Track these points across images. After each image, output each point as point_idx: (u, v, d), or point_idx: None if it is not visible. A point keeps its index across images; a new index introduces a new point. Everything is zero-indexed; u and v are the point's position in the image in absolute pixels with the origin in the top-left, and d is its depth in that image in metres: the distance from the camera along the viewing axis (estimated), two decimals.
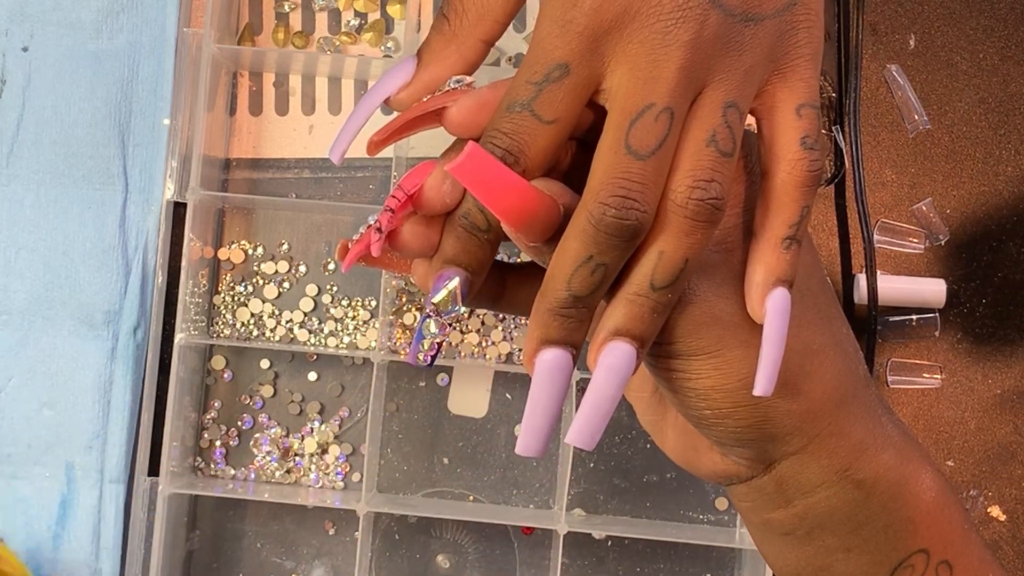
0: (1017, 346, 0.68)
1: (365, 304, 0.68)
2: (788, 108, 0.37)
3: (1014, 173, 0.69)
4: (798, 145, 0.36)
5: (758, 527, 0.43)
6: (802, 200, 0.37)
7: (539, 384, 0.36)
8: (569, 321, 0.36)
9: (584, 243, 0.35)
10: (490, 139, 0.36)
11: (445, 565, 0.68)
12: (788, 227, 0.36)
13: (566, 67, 0.35)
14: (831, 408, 0.39)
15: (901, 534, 0.41)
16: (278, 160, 0.69)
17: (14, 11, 0.67)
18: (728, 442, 0.40)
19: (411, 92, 0.38)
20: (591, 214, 0.35)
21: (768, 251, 0.37)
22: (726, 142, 0.35)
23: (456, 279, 0.37)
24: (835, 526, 0.41)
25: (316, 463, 0.68)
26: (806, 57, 0.37)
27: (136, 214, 0.67)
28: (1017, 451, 0.68)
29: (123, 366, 0.66)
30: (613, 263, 0.35)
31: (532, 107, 0.35)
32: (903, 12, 0.69)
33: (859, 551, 0.41)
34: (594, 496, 0.68)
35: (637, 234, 0.35)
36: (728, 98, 0.35)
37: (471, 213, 0.36)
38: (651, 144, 0.34)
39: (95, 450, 0.66)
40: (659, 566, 0.68)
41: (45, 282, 0.66)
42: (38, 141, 0.67)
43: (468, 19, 0.37)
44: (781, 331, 0.36)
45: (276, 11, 0.69)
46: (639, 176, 0.34)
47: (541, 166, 0.36)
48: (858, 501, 0.40)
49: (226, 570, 0.68)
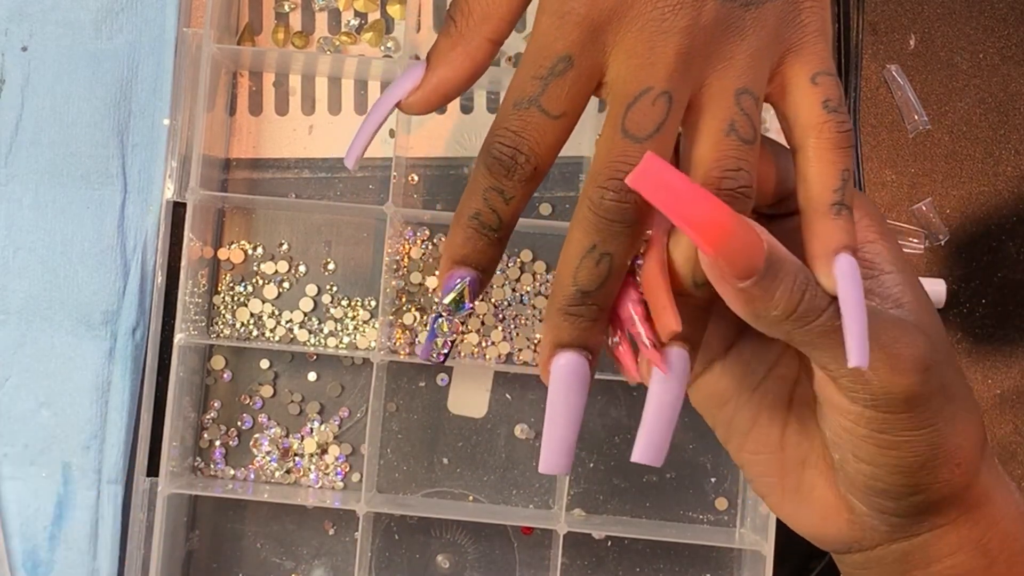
0: (1017, 346, 0.68)
1: (365, 304, 0.68)
2: (803, 80, 0.36)
3: (1014, 173, 0.69)
4: (821, 109, 0.36)
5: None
6: (840, 163, 0.36)
7: (555, 392, 0.35)
8: (580, 320, 0.35)
9: (586, 231, 0.34)
10: (498, 138, 0.35)
11: (445, 565, 0.68)
12: (833, 192, 0.35)
13: (569, 59, 0.35)
14: (983, 478, 0.39)
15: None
16: (278, 160, 0.69)
17: (13, 11, 0.67)
18: (896, 512, 0.39)
19: (421, 95, 0.38)
20: (591, 199, 0.34)
21: (819, 222, 0.35)
22: (746, 129, 0.35)
23: (467, 279, 0.36)
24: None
25: (316, 463, 0.68)
26: (814, 33, 0.36)
27: (135, 214, 0.67)
28: (1017, 451, 0.68)
29: (121, 366, 0.66)
30: (618, 252, 0.34)
31: (539, 102, 0.35)
32: (903, 12, 0.69)
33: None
34: (594, 496, 0.68)
35: (639, 218, 0.34)
36: (738, 85, 0.35)
37: (482, 212, 0.36)
38: (648, 127, 0.34)
39: (93, 450, 0.66)
40: (659, 566, 0.68)
41: (43, 282, 0.66)
42: (37, 141, 0.67)
43: (473, 19, 0.37)
44: (858, 296, 0.34)
45: (276, 11, 0.69)
46: (637, 159, 0.33)
47: (550, 162, 0.36)
48: (981, 569, 0.39)
49: (226, 570, 0.68)
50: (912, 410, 0.36)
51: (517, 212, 0.36)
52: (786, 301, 0.34)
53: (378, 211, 0.65)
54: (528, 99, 0.35)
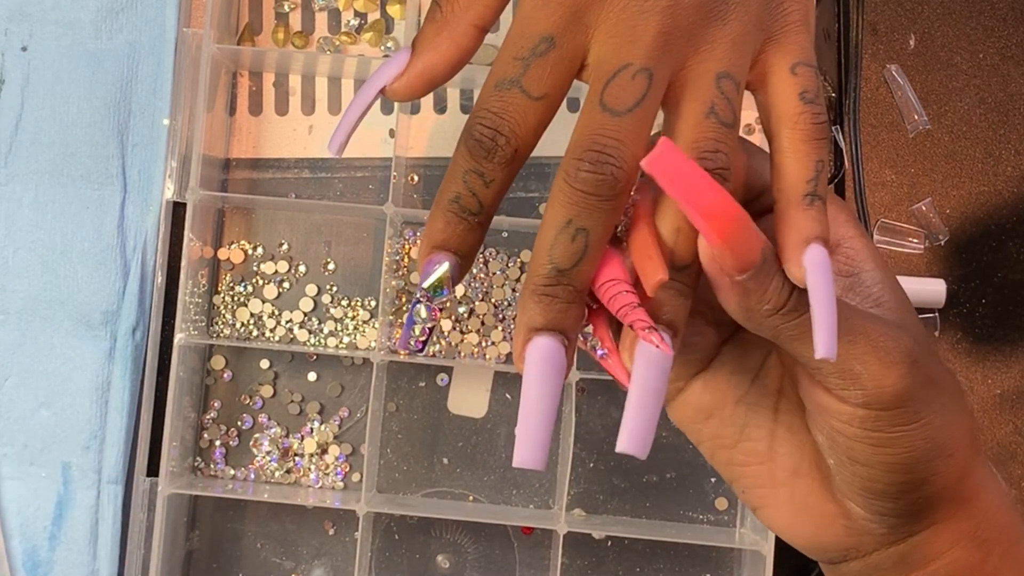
0: (1017, 346, 0.68)
1: (365, 304, 0.68)
2: (783, 69, 0.36)
3: (1014, 173, 0.69)
4: (797, 100, 0.36)
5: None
6: (813, 154, 0.35)
7: (529, 381, 0.34)
8: (555, 302, 0.34)
9: (562, 204, 0.34)
10: (479, 119, 0.35)
11: (445, 565, 0.68)
12: (805, 183, 0.35)
13: (551, 40, 0.35)
14: (976, 471, 0.39)
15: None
16: (278, 160, 0.69)
17: (13, 10, 0.67)
18: (893, 513, 0.39)
19: (405, 81, 0.38)
20: (566, 172, 0.34)
21: (791, 212, 0.35)
22: (726, 113, 0.35)
23: (446, 264, 0.35)
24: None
25: (316, 463, 0.68)
26: (796, 23, 0.36)
27: (135, 214, 0.67)
28: (1017, 451, 0.68)
29: (121, 366, 0.66)
30: (595, 228, 0.34)
31: (520, 83, 0.35)
32: (903, 12, 0.69)
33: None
34: (594, 496, 0.68)
35: (615, 191, 0.33)
36: (719, 68, 0.35)
37: (462, 196, 0.35)
38: (627, 102, 0.34)
39: (92, 450, 0.66)
40: (659, 566, 0.68)
41: (43, 282, 0.66)
42: (37, 141, 0.66)
43: (459, 5, 0.37)
44: (828, 287, 0.34)
45: (276, 11, 0.69)
46: (614, 132, 0.33)
47: (532, 144, 0.35)
48: (977, 563, 0.39)
49: (226, 570, 0.68)
50: (904, 405, 0.36)
51: (498, 196, 0.36)
52: (778, 294, 0.35)
53: (378, 211, 0.65)
54: (509, 80, 0.35)
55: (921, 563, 0.39)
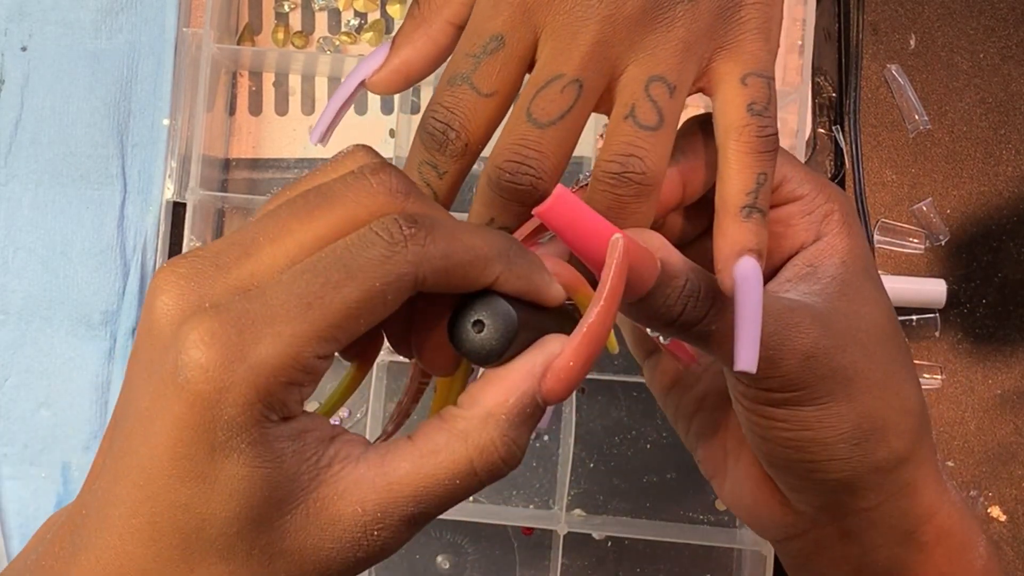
0: (1017, 346, 0.68)
1: None
2: (733, 79, 0.36)
3: (1014, 173, 0.69)
4: (744, 111, 0.36)
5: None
6: (755, 167, 0.36)
7: None
8: None
9: (485, 204, 0.35)
10: (432, 113, 0.36)
11: (445, 565, 0.68)
12: (745, 195, 0.35)
13: (501, 38, 0.35)
14: (909, 467, 0.39)
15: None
16: (278, 160, 0.69)
17: (13, 10, 0.67)
18: (805, 491, 0.39)
19: (384, 75, 0.39)
20: (488, 176, 0.35)
21: (728, 222, 0.35)
22: (647, 115, 0.35)
23: None
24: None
25: None
26: (752, 32, 0.36)
27: (134, 214, 0.67)
28: (1017, 451, 0.68)
29: (121, 366, 0.66)
30: (516, 227, 0.36)
31: (471, 80, 0.35)
32: (903, 12, 0.69)
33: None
34: (594, 496, 0.68)
35: (533, 199, 0.35)
36: (653, 72, 0.35)
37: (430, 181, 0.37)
38: (552, 114, 0.35)
39: (92, 451, 0.66)
40: (659, 566, 0.68)
41: (43, 282, 0.66)
42: (36, 140, 0.66)
43: (435, 2, 0.38)
44: (756, 300, 0.34)
45: (276, 11, 0.69)
46: (535, 144, 0.35)
47: (483, 139, 0.36)
48: (918, 564, 0.40)
49: None
50: (793, 391, 0.37)
51: (452, 188, 0.37)
52: (667, 312, 0.36)
53: None
54: (461, 76, 0.36)
55: (860, 552, 0.40)
